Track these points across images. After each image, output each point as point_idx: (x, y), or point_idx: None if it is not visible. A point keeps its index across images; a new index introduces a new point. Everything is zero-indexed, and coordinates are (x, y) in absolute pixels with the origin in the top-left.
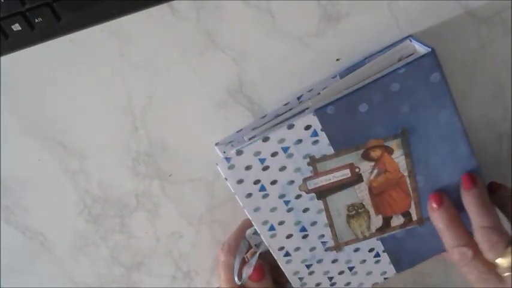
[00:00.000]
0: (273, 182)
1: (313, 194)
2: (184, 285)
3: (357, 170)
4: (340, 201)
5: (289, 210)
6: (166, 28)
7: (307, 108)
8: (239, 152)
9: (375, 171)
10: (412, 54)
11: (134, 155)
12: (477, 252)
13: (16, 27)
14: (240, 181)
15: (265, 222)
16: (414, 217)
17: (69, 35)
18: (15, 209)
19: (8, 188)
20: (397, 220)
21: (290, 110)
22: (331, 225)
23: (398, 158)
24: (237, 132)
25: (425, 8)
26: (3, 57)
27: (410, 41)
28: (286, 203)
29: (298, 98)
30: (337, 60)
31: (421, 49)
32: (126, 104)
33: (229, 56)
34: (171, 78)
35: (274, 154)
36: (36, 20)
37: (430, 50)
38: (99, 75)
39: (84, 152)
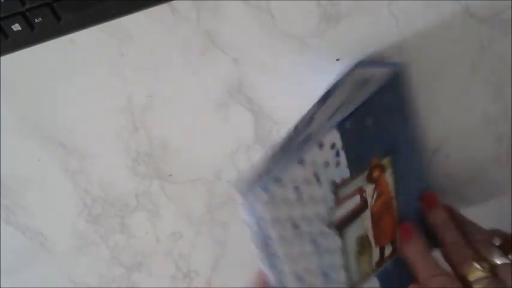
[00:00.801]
0: (303, 218)
1: (334, 229)
2: (184, 285)
3: (364, 194)
4: (353, 234)
5: (314, 253)
6: (166, 28)
7: (310, 133)
8: (277, 180)
9: (375, 194)
10: (374, 76)
11: (134, 155)
12: (454, 281)
13: (16, 27)
14: (276, 220)
15: (292, 272)
16: (398, 243)
17: (69, 35)
18: (15, 209)
19: (8, 188)
20: (387, 250)
21: (291, 138)
22: (345, 266)
23: (389, 177)
24: (249, 172)
25: (425, 8)
26: (3, 57)
27: (364, 66)
28: (313, 242)
29: (295, 129)
30: (337, 60)
31: (382, 68)
32: (126, 104)
33: (229, 56)
34: (171, 78)
35: (307, 181)
36: (36, 20)
37: (399, 64)
38: (99, 75)
39: (84, 152)
